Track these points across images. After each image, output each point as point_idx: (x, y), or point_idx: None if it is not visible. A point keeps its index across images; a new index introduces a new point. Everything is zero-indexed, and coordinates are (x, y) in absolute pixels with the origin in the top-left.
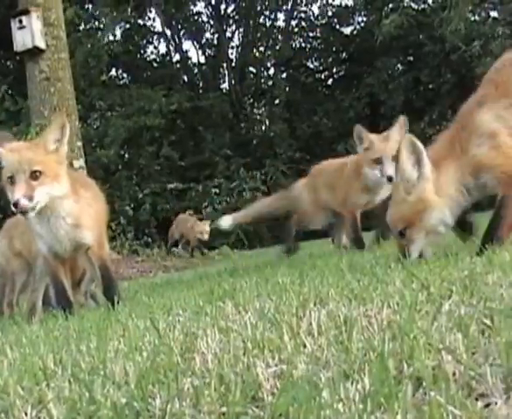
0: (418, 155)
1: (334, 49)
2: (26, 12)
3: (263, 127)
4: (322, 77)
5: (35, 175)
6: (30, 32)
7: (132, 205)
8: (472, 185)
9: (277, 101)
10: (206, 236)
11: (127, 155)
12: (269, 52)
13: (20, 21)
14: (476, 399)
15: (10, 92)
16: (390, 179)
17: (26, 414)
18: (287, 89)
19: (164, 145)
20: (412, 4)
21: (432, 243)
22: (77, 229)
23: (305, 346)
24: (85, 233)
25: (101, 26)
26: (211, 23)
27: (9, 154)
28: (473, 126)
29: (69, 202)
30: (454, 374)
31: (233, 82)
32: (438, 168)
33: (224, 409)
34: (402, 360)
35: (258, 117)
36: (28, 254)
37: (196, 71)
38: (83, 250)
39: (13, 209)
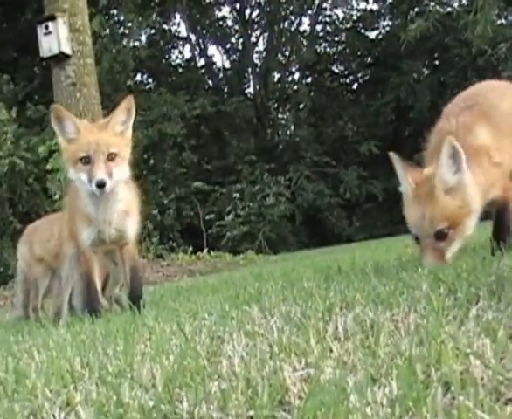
0: (457, 161)
1: (359, 53)
2: (52, 18)
3: (288, 132)
4: (347, 81)
5: (111, 157)
6: (56, 38)
7: (158, 209)
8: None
9: (302, 106)
10: None
11: (152, 161)
12: (294, 57)
13: (46, 27)
14: (505, 403)
15: (35, 97)
16: None
17: (54, 416)
18: (312, 94)
19: (187, 149)
20: (438, 8)
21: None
22: (126, 216)
23: (331, 350)
24: (130, 223)
25: (127, 32)
26: (236, 28)
27: (84, 134)
28: None
29: (124, 188)
30: (482, 378)
31: (258, 87)
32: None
33: (251, 413)
34: (429, 365)
35: (282, 122)
36: (51, 259)
37: (221, 75)
38: (121, 244)
39: (94, 188)
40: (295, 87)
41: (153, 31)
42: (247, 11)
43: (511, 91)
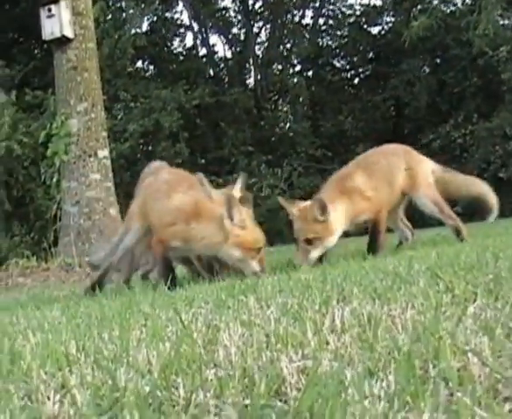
0: None
1: (361, 48)
2: (55, 1)
3: (287, 125)
4: (348, 76)
5: None
6: (58, 21)
7: None
8: None
9: (301, 99)
10: None
11: (150, 148)
12: (295, 49)
13: (49, 9)
14: (503, 402)
15: (35, 81)
16: None
17: (49, 398)
18: (313, 87)
19: (184, 140)
20: (441, 6)
21: None
22: None
23: (328, 342)
24: None
25: (128, 18)
26: (239, 18)
27: None
28: None
29: None
30: (480, 376)
31: (259, 78)
32: None
33: (248, 401)
34: (427, 361)
35: (281, 114)
36: None
37: (222, 65)
38: None
39: None
40: (296, 80)
41: (155, 19)
42: (250, 2)
43: None
